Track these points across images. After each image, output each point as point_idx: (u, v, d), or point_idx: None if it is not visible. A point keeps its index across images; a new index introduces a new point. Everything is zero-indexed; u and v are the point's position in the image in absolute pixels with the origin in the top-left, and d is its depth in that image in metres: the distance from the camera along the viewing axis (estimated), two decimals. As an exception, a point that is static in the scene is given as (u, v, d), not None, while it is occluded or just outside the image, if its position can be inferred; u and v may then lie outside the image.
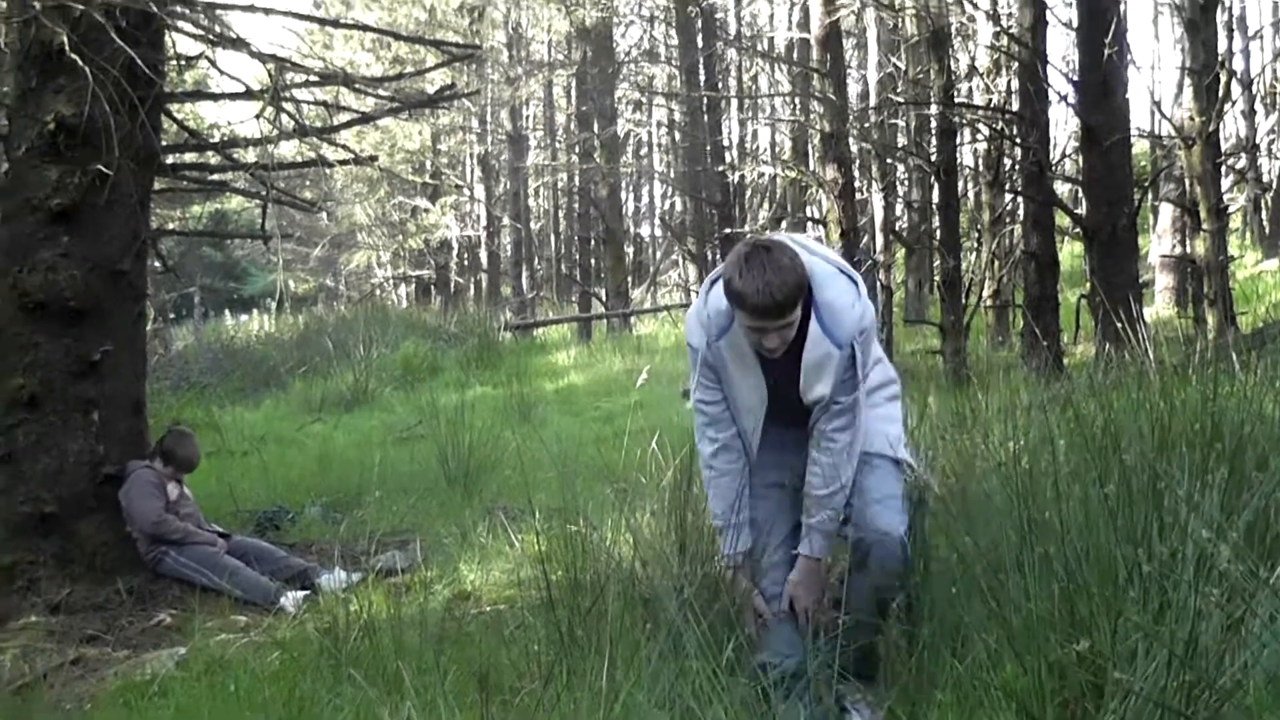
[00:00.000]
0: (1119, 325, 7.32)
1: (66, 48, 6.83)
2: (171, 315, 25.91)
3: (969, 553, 4.13)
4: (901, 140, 22.80)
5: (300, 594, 7.00)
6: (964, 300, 14.63)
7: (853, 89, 22.57)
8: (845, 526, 4.33)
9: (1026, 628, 3.54)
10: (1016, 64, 15.48)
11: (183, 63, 9.36)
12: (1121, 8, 13.16)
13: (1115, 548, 3.59)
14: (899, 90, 21.49)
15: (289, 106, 8.99)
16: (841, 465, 4.19)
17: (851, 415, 4.16)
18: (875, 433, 4.35)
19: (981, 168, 19.23)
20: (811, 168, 21.44)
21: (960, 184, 20.72)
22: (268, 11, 8.91)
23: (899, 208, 24.47)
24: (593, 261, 33.21)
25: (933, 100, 16.18)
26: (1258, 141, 24.68)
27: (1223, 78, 12.97)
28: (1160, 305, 19.62)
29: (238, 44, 8.37)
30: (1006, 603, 3.70)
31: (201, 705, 4.79)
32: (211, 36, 8.64)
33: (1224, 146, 17.38)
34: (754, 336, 3.96)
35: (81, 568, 7.18)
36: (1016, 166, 17.62)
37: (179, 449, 7.80)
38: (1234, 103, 20.51)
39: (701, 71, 26.00)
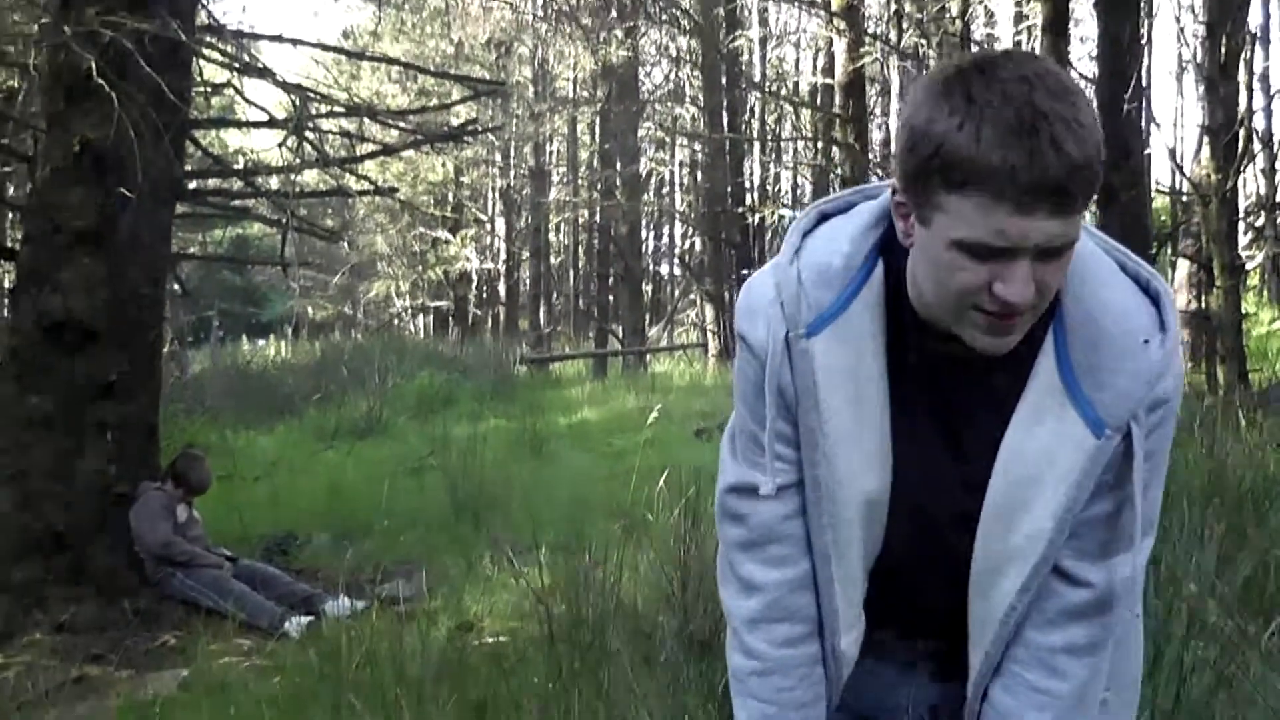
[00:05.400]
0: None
1: (94, 72, 6.91)
2: (189, 338, 26.02)
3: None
4: (921, 188, 22.82)
5: (305, 619, 7.02)
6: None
7: (875, 135, 22.66)
8: None
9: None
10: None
11: (209, 90, 9.48)
12: (1144, 64, 13.22)
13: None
14: (920, 138, 21.54)
15: (312, 136, 9.09)
16: None
17: (1107, 618, 1.84)
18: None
19: (1000, 217, 19.18)
20: (831, 212, 21.45)
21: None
22: (295, 42, 9.02)
23: (917, 254, 24.46)
24: (610, 298, 33.25)
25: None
26: (1277, 200, 24.65)
27: (1241, 135, 13.00)
28: (1175, 360, 19.55)
29: (264, 73, 8.46)
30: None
31: (202, 727, 4.82)
32: (238, 65, 8.75)
33: (1243, 204, 17.38)
34: (970, 276, 1.60)
35: (89, 587, 7.22)
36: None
37: (191, 472, 7.85)
38: (1253, 160, 20.52)
39: (725, 113, 26.11)
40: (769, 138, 32.02)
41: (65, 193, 7.29)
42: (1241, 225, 19.83)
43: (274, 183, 10.42)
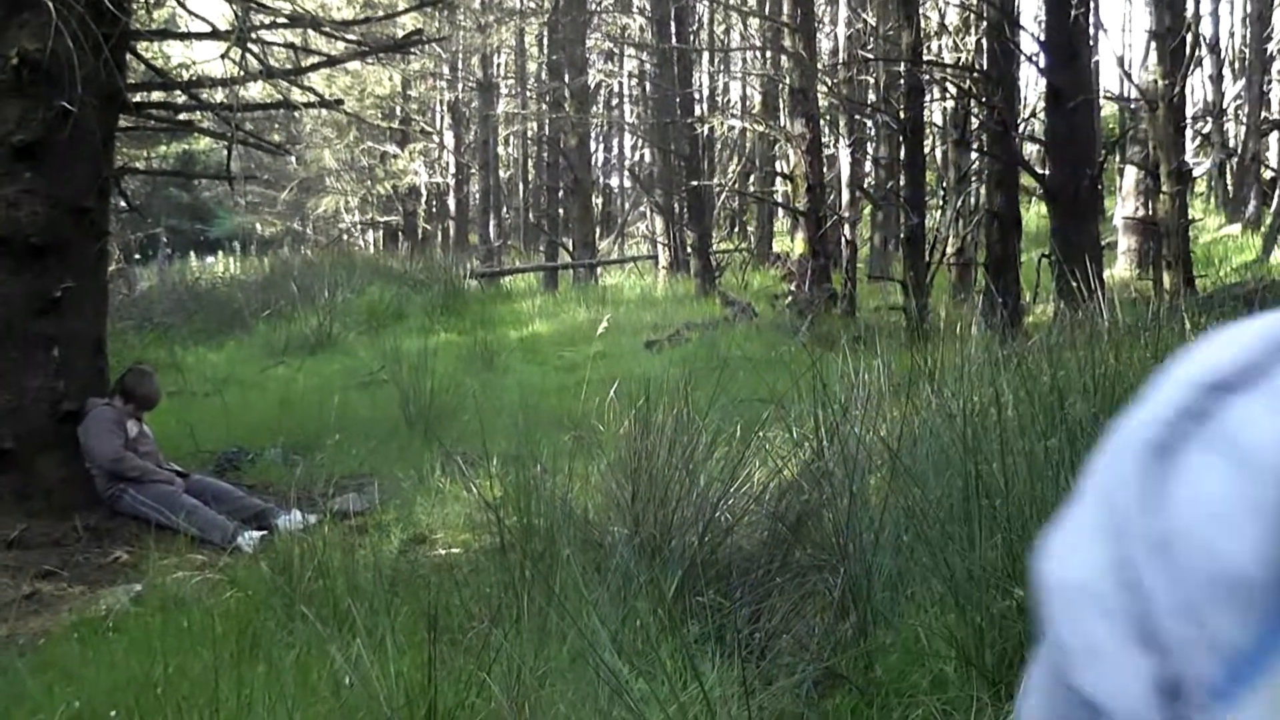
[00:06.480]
0: (1075, 285, 7.38)
1: (30, -18, 6.79)
2: (137, 255, 25.77)
3: (917, 504, 4.20)
4: (870, 97, 22.80)
5: (257, 534, 7.03)
6: (927, 258, 14.68)
7: (823, 44, 22.56)
8: None
9: (969, 577, 3.60)
10: (985, 23, 15.50)
11: (150, 1, 9.32)
12: (1092, -31, 13.21)
13: (1057, 500, 3.66)
14: (868, 46, 21.49)
15: (256, 48, 8.97)
16: None
17: None
18: None
19: (948, 126, 19.24)
20: (781, 122, 21.45)
21: (927, 142, 20.77)
22: (235, -49, 8.87)
23: (866, 164, 24.48)
24: (560, 211, 33.09)
25: (901, 57, 16.22)
26: (1224, 106, 24.74)
27: (1189, 41, 13.03)
28: (1122, 267, 19.70)
29: (204, -17, 8.34)
30: (951, 553, 3.77)
31: (155, 640, 4.82)
32: (178, -25, 8.60)
33: (1190, 111, 17.45)
34: None
35: (39, 504, 7.20)
36: (983, 125, 17.68)
37: (139, 387, 7.81)
38: (1200, 67, 20.57)
39: (673, 23, 25.91)
40: (717, 48, 31.86)
41: (4, 106, 7.17)
42: (1189, 132, 19.87)
43: (218, 95, 10.29)
